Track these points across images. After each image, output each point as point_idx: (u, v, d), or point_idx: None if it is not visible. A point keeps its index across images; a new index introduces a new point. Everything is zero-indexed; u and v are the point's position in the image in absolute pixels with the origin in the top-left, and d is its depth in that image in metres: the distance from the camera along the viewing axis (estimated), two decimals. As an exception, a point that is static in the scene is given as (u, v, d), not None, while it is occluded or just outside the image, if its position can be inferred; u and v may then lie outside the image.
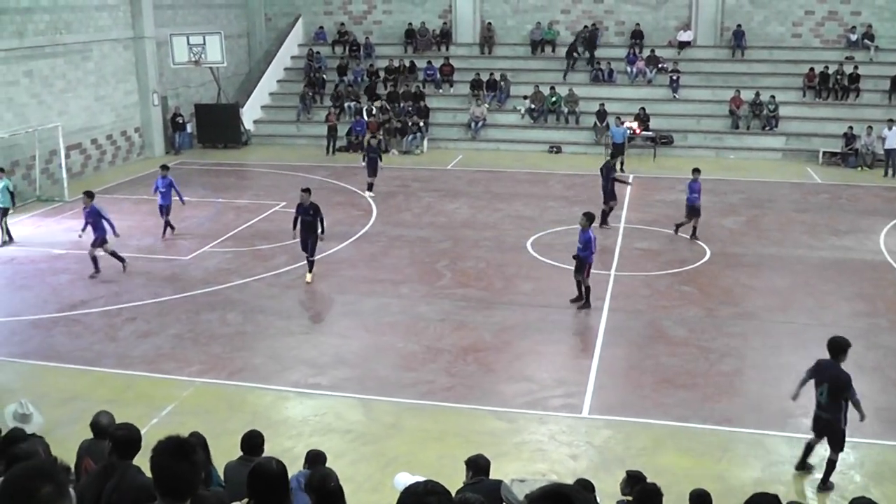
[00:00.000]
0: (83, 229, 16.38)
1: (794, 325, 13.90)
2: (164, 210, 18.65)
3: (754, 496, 5.66)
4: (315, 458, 7.28)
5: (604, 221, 19.18)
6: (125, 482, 4.66)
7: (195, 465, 3.47)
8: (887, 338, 13.33)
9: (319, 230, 15.78)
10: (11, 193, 18.75)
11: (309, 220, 15.59)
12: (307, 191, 15.88)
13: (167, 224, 18.82)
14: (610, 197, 19.46)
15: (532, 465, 9.69)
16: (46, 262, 17.24)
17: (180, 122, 29.11)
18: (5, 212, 18.54)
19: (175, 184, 18.72)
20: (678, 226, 18.73)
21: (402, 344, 13.14)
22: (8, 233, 18.63)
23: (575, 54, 31.42)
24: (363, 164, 22.96)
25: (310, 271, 15.77)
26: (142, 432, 5.36)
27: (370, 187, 22.54)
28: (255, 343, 13.20)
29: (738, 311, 14.46)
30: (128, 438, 5.35)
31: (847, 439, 10.28)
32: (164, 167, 19.16)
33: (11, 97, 22.22)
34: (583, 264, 14.38)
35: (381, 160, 22.88)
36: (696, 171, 18.54)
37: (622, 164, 25.35)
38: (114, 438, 5.37)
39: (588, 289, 14.50)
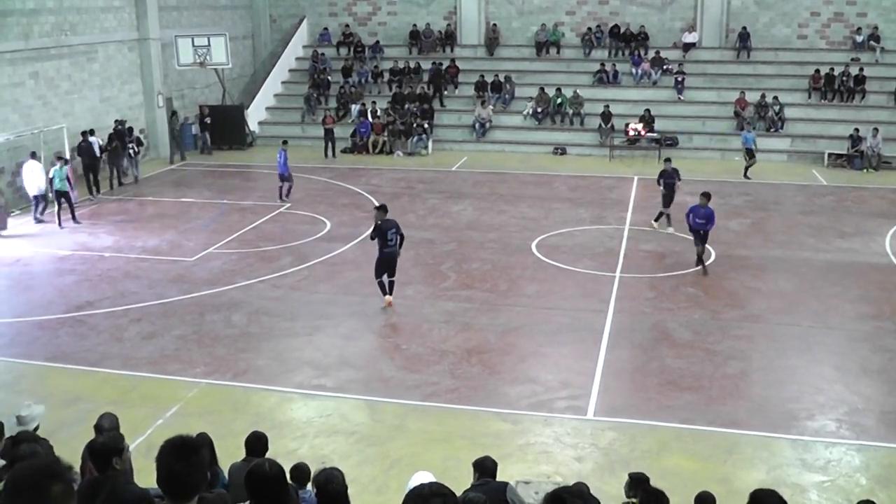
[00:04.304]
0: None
1: (800, 327, 13.86)
2: (282, 178, 21.85)
3: (756, 492, 5.62)
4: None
5: None
6: (114, 498, 4.56)
7: (192, 467, 3.45)
8: (892, 341, 13.28)
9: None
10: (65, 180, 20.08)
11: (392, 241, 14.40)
12: (382, 208, 14.67)
13: (281, 189, 22.02)
14: None
15: (537, 466, 9.67)
16: (52, 264, 17.28)
17: (208, 122, 29.39)
18: (65, 195, 20.04)
19: (285, 156, 21.71)
20: None
21: (406, 345, 13.13)
22: (70, 216, 20.18)
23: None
24: (661, 190, 19.36)
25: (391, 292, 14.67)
26: (146, 434, 5.32)
27: (668, 220, 19.17)
28: (259, 344, 13.20)
29: (744, 314, 14.43)
30: (100, 448, 5.20)
31: (853, 442, 10.30)
32: (284, 142, 23.31)
33: (17, 98, 22.26)
34: (707, 234, 16.45)
35: (679, 179, 19.22)
36: None
37: (747, 168, 24.89)
38: (90, 449, 5.23)
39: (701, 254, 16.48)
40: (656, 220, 19.44)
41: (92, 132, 23.65)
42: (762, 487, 5.81)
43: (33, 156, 21.09)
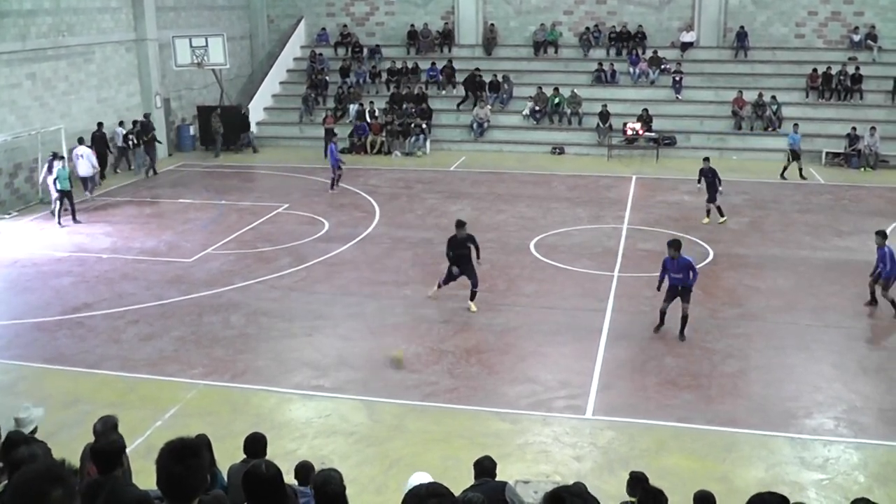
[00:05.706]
0: None
1: (798, 325, 13.87)
2: (334, 167, 23.23)
3: (759, 495, 5.60)
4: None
5: None
6: (114, 499, 4.55)
7: (192, 469, 3.45)
8: (891, 339, 13.31)
9: (476, 257, 14.63)
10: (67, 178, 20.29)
11: (466, 253, 14.45)
12: (463, 224, 14.78)
13: (333, 179, 23.29)
14: None
15: (536, 466, 9.68)
16: (49, 265, 17.26)
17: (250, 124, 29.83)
18: (67, 194, 20.11)
19: (335, 149, 23.53)
20: None
21: (405, 346, 13.12)
22: (73, 215, 20.32)
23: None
24: (700, 187, 20.02)
25: (472, 300, 14.61)
26: (145, 435, 5.32)
27: (719, 211, 19.68)
28: (258, 345, 13.20)
29: (742, 312, 14.44)
30: (104, 451, 5.23)
31: (851, 440, 10.32)
32: (334, 134, 25.86)
33: (14, 100, 22.24)
34: (687, 291, 13.26)
35: (720, 182, 19.70)
36: None
37: (801, 170, 24.52)
38: (93, 451, 5.24)
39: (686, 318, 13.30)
40: (709, 216, 19.75)
41: (121, 123, 25.64)
42: (763, 491, 5.80)
43: (81, 142, 22.46)
